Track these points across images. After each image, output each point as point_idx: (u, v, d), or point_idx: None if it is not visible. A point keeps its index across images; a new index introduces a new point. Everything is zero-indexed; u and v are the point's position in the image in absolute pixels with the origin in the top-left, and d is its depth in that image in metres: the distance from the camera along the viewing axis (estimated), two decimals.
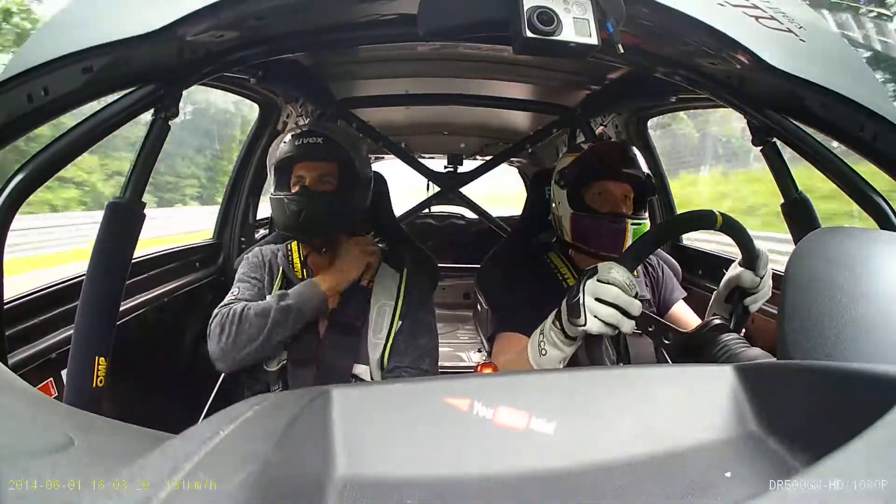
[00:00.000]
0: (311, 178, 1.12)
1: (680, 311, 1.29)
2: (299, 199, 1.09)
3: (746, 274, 0.92)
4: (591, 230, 1.19)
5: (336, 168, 1.13)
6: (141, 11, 0.68)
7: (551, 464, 0.36)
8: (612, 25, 0.69)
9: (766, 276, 0.92)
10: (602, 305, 0.79)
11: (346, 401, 0.39)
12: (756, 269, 0.91)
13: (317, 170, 1.12)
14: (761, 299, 0.94)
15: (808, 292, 0.48)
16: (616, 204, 1.18)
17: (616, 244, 1.14)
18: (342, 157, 1.13)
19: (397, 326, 1.14)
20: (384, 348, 1.12)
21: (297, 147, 1.11)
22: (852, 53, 0.81)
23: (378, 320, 1.14)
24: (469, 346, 2.69)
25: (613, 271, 0.79)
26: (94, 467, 0.30)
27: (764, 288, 0.93)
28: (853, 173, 0.85)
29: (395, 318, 1.15)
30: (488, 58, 1.47)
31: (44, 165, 0.71)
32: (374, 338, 1.13)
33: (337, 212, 1.12)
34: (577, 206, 1.21)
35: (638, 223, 1.16)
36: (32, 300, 1.01)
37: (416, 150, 2.80)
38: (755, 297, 0.93)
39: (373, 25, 0.91)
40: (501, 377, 0.54)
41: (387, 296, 1.17)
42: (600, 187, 1.19)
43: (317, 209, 1.09)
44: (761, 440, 0.39)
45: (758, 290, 0.92)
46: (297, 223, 1.09)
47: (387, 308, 1.16)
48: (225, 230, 1.77)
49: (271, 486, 0.27)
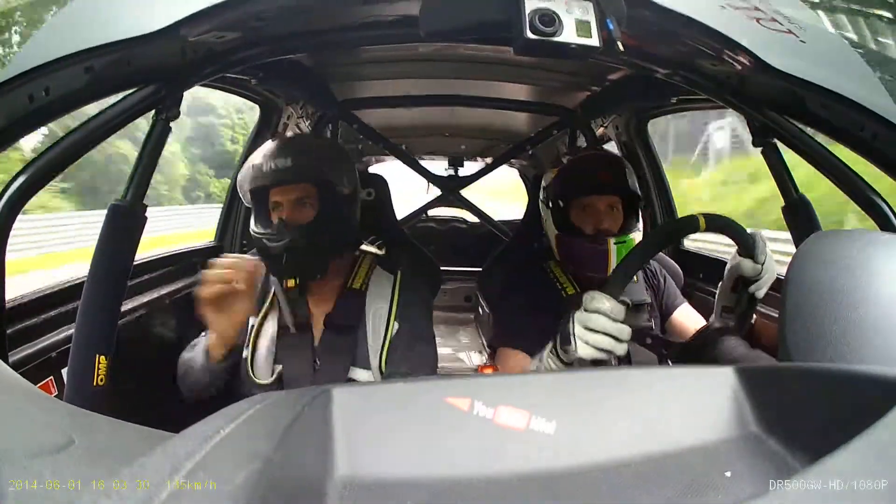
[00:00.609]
0: (287, 205, 1.04)
1: (685, 315, 1.28)
2: (279, 239, 1.00)
3: (746, 262, 0.90)
4: (574, 251, 1.17)
5: (314, 189, 1.05)
6: (143, 11, 0.68)
7: (552, 464, 0.36)
8: (611, 23, 0.69)
9: (766, 261, 0.90)
10: (592, 333, 0.80)
11: (347, 400, 0.39)
12: (754, 256, 0.89)
13: (293, 193, 1.04)
14: (765, 285, 0.92)
15: (809, 295, 0.48)
16: (599, 220, 1.15)
17: (600, 266, 1.11)
18: (318, 176, 1.05)
19: (394, 329, 1.11)
20: (381, 353, 1.10)
21: (265, 174, 1.02)
22: (852, 54, 0.81)
23: (375, 325, 1.12)
24: (470, 348, 2.69)
25: (596, 301, 0.80)
26: (94, 466, 0.30)
27: (766, 273, 0.91)
28: (853, 174, 0.85)
29: (391, 320, 1.12)
30: (489, 59, 1.47)
31: (46, 167, 0.71)
32: (372, 343, 1.10)
33: (322, 240, 1.04)
34: (561, 225, 1.19)
35: (623, 240, 1.13)
36: (33, 300, 1.01)
37: (417, 152, 2.80)
38: (759, 284, 0.91)
39: (374, 26, 0.91)
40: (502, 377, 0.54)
41: (381, 299, 1.14)
42: (583, 203, 1.16)
43: (299, 246, 1.00)
44: (761, 440, 0.39)
45: (760, 277, 0.91)
46: (281, 265, 1.02)
47: (382, 311, 1.13)
48: (226, 233, 1.77)
49: (272, 485, 0.27)
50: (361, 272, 1.17)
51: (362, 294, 1.15)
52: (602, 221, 1.15)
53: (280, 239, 1.00)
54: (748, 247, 0.90)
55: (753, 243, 0.89)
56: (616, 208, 1.17)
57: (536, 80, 1.68)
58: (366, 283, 1.16)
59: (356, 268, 1.18)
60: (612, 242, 1.12)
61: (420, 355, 1.12)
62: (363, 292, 1.15)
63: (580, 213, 1.17)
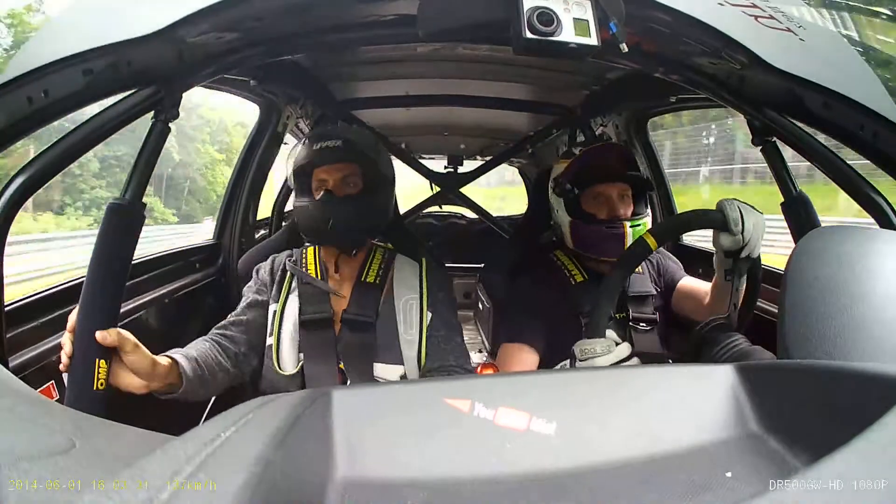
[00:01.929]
0: (333, 182, 1.10)
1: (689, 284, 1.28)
2: (325, 205, 1.07)
3: (724, 237, 0.89)
4: (591, 237, 1.20)
5: (359, 169, 1.10)
6: (141, 13, 0.68)
7: (552, 464, 0.36)
8: (615, 25, 0.69)
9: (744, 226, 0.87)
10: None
11: (347, 402, 0.39)
12: (728, 229, 0.88)
13: (339, 172, 1.10)
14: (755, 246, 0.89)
15: (808, 291, 0.48)
16: (613, 206, 1.18)
17: (616, 249, 1.14)
18: (363, 158, 1.11)
19: (428, 319, 1.12)
20: (419, 345, 1.09)
21: (315, 151, 1.09)
22: (852, 52, 0.81)
23: (407, 317, 1.12)
24: (470, 346, 2.69)
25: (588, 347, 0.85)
26: (94, 469, 0.30)
27: (749, 238, 0.88)
28: (853, 172, 0.85)
29: (424, 310, 1.12)
30: (488, 58, 1.47)
31: (44, 167, 0.71)
32: (405, 334, 1.10)
33: (364, 214, 1.10)
34: (574, 212, 1.21)
35: (637, 224, 1.16)
36: (33, 302, 1.01)
37: (417, 151, 2.81)
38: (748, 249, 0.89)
39: (372, 26, 0.91)
40: (502, 378, 0.54)
41: (409, 290, 1.15)
42: (596, 191, 1.19)
43: (344, 213, 1.06)
44: (761, 440, 0.39)
45: (746, 244, 0.88)
46: (325, 229, 1.07)
47: (412, 302, 1.13)
48: (225, 231, 1.77)
49: (272, 488, 0.27)
50: (374, 266, 1.17)
51: (376, 287, 1.15)
52: (616, 208, 1.18)
53: (327, 206, 1.06)
54: (717, 224, 0.89)
55: (723, 217, 0.88)
56: (626, 196, 1.20)
57: (536, 79, 1.68)
58: (379, 277, 1.16)
59: (369, 261, 1.18)
60: (628, 225, 1.15)
61: (460, 346, 1.12)
62: (377, 285, 1.15)
63: (593, 201, 1.20)
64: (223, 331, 1.09)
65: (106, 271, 0.79)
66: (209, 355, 1.00)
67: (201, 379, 0.94)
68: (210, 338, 1.07)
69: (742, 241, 0.88)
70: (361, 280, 1.15)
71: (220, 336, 1.07)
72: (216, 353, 1.02)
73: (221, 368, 1.02)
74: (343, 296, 1.13)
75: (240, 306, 1.15)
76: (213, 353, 1.02)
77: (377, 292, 1.14)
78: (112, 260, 0.80)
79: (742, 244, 0.88)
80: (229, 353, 1.05)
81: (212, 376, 0.98)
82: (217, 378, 1.00)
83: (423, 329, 1.11)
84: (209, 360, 0.99)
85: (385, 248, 1.23)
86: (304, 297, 1.13)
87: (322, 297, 1.12)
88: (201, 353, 0.98)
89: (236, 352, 1.06)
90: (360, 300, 1.13)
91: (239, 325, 1.10)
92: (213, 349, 1.03)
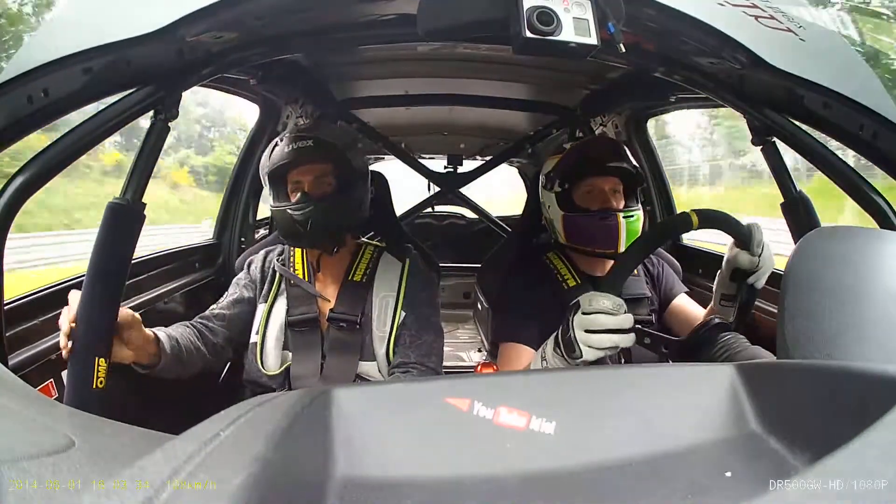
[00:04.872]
0: (308, 183, 1.10)
1: (683, 304, 1.28)
2: (303, 208, 1.06)
3: (743, 255, 0.90)
4: (584, 229, 1.19)
5: (331, 167, 1.11)
6: (141, 12, 0.68)
7: (551, 464, 0.36)
8: (613, 26, 0.69)
9: (763, 252, 0.89)
10: (595, 335, 0.80)
11: (347, 401, 0.39)
12: (750, 248, 0.89)
13: (313, 172, 1.10)
14: (763, 275, 0.91)
15: (808, 291, 0.48)
16: (605, 199, 1.18)
17: (610, 240, 1.14)
18: (336, 156, 1.11)
19: (400, 318, 1.13)
20: (388, 342, 1.11)
21: (288, 153, 1.09)
22: (852, 52, 0.81)
23: (381, 314, 1.13)
24: (469, 345, 2.69)
25: (595, 301, 0.81)
26: (94, 468, 0.30)
27: (764, 265, 0.90)
28: (853, 172, 0.85)
29: (398, 308, 1.14)
30: (488, 58, 1.47)
31: (44, 167, 0.71)
32: (378, 331, 1.12)
33: (342, 212, 1.10)
34: (566, 206, 1.21)
35: (630, 215, 1.16)
36: (33, 300, 1.01)
37: (416, 151, 2.80)
38: (757, 276, 0.91)
39: (372, 26, 0.91)
40: (501, 377, 0.54)
41: (388, 287, 1.16)
42: (588, 185, 1.19)
43: (322, 215, 1.06)
44: (761, 440, 0.39)
45: (758, 269, 0.90)
46: (304, 233, 1.07)
47: (389, 299, 1.15)
48: (225, 231, 1.77)
49: (272, 486, 0.27)
50: (362, 265, 1.19)
51: (362, 284, 1.16)
52: (608, 200, 1.17)
53: (304, 209, 1.06)
54: (744, 239, 0.89)
55: (750, 235, 0.89)
56: (618, 191, 1.19)
57: (535, 78, 1.68)
58: (366, 276, 1.17)
59: (357, 260, 1.19)
60: (621, 216, 1.14)
61: (427, 344, 1.13)
62: (364, 284, 1.16)
63: (584, 195, 1.19)
64: (205, 321, 1.11)
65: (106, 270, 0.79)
66: (189, 339, 1.03)
67: (178, 358, 0.98)
68: (192, 324, 1.09)
69: (756, 265, 0.89)
70: (349, 279, 1.17)
71: (201, 325, 1.10)
72: (195, 339, 1.05)
73: (199, 353, 1.05)
74: (328, 298, 1.15)
75: (226, 299, 1.17)
76: (193, 337, 1.05)
77: (364, 291, 1.16)
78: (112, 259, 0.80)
79: (755, 268, 0.90)
80: (207, 342, 1.08)
81: (189, 357, 1.01)
82: (194, 359, 1.03)
83: (395, 327, 1.12)
84: (188, 343, 1.02)
85: (375, 247, 1.24)
86: (291, 299, 1.15)
87: (309, 297, 1.15)
88: (181, 335, 1.02)
89: (214, 342, 1.09)
90: (347, 299, 1.14)
91: (221, 319, 1.13)
92: (193, 335, 1.06)
